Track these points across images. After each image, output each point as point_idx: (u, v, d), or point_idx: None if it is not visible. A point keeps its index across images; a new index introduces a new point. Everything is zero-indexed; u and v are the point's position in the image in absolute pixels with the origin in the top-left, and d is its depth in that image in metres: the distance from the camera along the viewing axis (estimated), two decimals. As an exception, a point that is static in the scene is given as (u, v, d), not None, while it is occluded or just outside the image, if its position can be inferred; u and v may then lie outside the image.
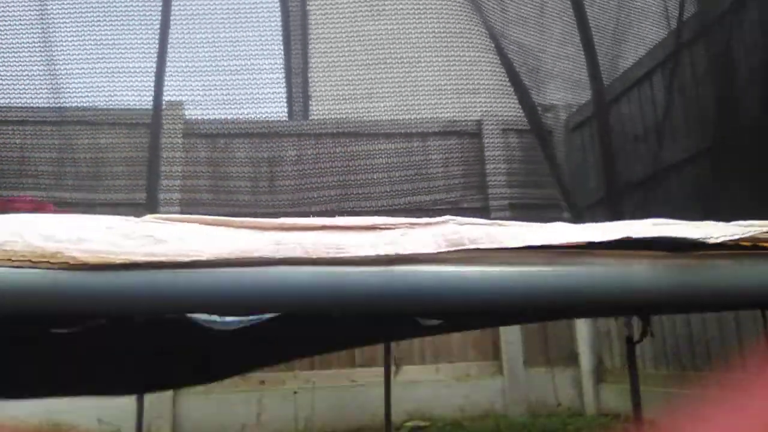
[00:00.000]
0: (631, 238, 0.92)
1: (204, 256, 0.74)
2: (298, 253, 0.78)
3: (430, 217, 0.95)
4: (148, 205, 2.39)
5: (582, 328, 3.64)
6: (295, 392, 3.40)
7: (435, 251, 0.83)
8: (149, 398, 3.04)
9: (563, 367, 3.67)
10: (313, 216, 0.88)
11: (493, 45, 2.19)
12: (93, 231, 0.75)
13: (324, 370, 3.49)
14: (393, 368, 2.95)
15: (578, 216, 2.32)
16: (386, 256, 0.80)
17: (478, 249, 0.85)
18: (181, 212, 2.53)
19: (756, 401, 0.78)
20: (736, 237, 0.95)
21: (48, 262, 0.71)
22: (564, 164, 2.48)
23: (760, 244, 0.99)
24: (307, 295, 0.80)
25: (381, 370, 2.82)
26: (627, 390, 2.14)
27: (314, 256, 0.78)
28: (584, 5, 2.36)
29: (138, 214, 0.85)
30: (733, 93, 2.10)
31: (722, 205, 1.98)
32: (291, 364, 3.44)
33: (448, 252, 0.84)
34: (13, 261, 0.71)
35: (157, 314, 1.11)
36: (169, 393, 3.30)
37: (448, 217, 0.91)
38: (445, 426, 3.29)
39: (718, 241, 0.94)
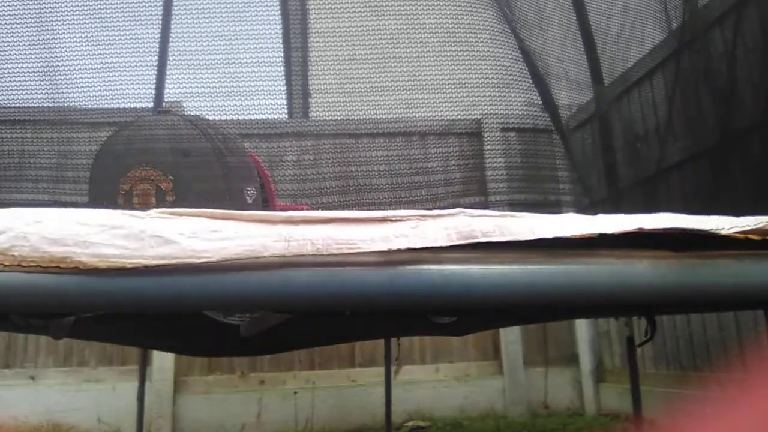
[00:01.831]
0: (643, 229, 0.92)
1: (214, 258, 0.74)
2: (308, 249, 0.77)
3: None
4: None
5: (582, 328, 3.65)
6: (295, 392, 3.40)
7: (447, 244, 0.82)
8: (149, 398, 3.04)
9: (563, 368, 3.67)
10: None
11: (515, 45, 2.20)
12: (100, 232, 0.74)
13: (324, 370, 3.49)
14: (393, 368, 2.95)
15: (585, 213, 2.33)
16: (398, 251, 0.80)
17: (490, 242, 0.84)
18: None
19: (756, 401, 0.78)
20: (747, 228, 0.96)
21: (58, 266, 0.71)
22: (580, 162, 2.49)
23: (769, 237, 0.99)
24: (322, 294, 0.80)
25: (381, 370, 2.82)
26: (627, 390, 2.14)
27: (325, 253, 0.77)
28: (585, 4, 2.37)
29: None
30: (734, 92, 2.10)
31: (725, 205, 1.98)
32: (291, 364, 3.44)
33: (461, 246, 0.83)
34: (23, 266, 0.70)
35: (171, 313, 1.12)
36: (169, 393, 3.30)
37: (459, 209, 0.90)
38: (445, 426, 3.29)
39: (729, 232, 0.94)
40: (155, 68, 2.40)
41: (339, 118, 2.60)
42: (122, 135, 1.47)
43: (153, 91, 2.45)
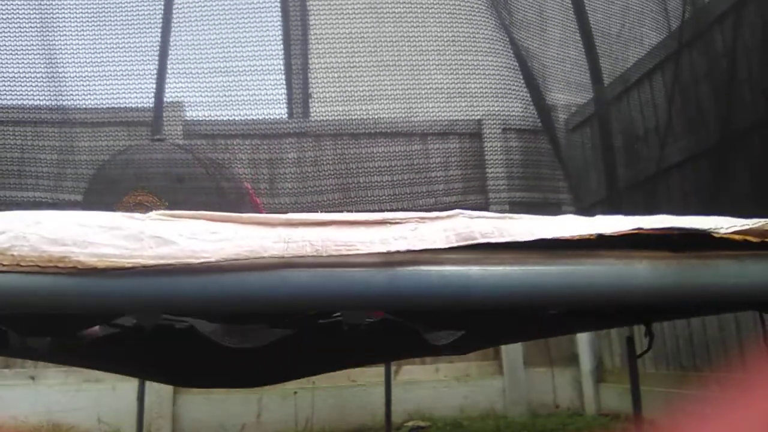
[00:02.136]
0: (642, 229, 0.92)
1: (213, 258, 0.73)
2: (307, 250, 0.77)
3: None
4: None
5: (582, 328, 3.64)
6: (295, 392, 3.39)
7: (446, 246, 0.82)
8: (149, 398, 3.04)
9: (563, 368, 3.67)
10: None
11: (509, 49, 2.21)
12: (99, 232, 0.74)
13: (324, 370, 3.49)
14: (393, 368, 2.95)
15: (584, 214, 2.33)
16: (397, 252, 0.79)
17: (489, 244, 0.84)
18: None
19: (756, 401, 0.78)
20: (746, 228, 0.96)
21: (56, 266, 0.70)
22: (572, 163, 2.49)
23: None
24: (321, 294, 0.80)
25: (381, 370, 2.82)
26: (627, 390, 2.14)
27: (324, 254, 0.77)
28: (584, 5, 2.37)
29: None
30: (733, 93, 2.10)
31: (725, 205, 1.98)
32: (291, 364, 3.44)
33: (461, 247, 0.83)
34: (21, 266, 0.70)
35: (169, 317, 1.11)
36: (169, 393, 3.30)
37: (457, 210, 0.90)
38: (445, 426, 3.29)
39: (729, 231, 0.94)
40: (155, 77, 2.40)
41: (340, 118, 2.60)
42: (118, 161, 1.47)
43: (152, 98, 2.46)
